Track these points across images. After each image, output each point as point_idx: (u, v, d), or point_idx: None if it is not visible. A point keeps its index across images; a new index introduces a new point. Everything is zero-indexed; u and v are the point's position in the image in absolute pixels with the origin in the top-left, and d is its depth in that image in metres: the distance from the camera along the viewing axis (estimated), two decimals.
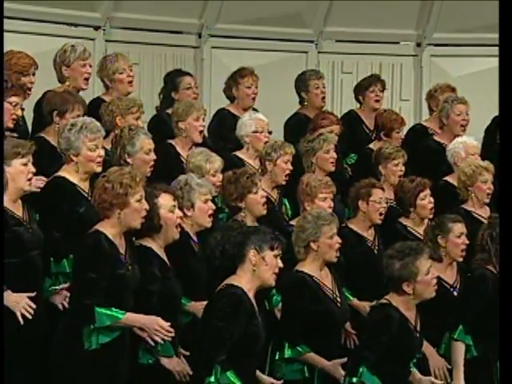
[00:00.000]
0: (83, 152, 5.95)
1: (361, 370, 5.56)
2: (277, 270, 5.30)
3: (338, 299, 6.14)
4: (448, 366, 6.32)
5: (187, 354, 5.67)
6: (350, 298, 6.72)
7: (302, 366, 6.02)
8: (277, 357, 6.06)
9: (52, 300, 5.78)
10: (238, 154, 7.42)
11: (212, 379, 5.07)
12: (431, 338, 6.28)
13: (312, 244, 6.03)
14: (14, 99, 6.30)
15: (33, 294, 5.45)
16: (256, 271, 5.26)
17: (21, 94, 6.39)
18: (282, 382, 5.82)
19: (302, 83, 8.50)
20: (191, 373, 5.51)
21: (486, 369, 6.27)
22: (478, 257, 6.37)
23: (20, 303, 5.42)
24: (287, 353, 5.99)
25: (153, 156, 6.40)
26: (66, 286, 5.74)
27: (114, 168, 5.59)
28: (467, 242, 6.52)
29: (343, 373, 5.81)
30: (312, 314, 6.00)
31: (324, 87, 8.53)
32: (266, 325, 5.48)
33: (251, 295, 5.27)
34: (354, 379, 5.57)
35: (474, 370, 6.28)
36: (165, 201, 5.65)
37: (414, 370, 5.89)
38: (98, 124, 6.13)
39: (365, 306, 6.63)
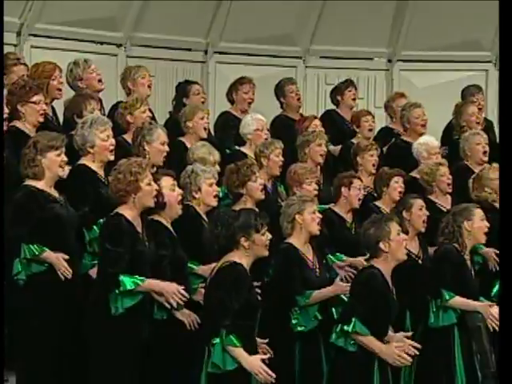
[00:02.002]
0: (98, 143, 5.87)
1: (353, 319, 5.38)
2: (267, 243, 5.21)
3: (317, 270, 6.02)
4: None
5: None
6: (338, 258, 6.55)
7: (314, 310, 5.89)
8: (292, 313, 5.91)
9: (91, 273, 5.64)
10: (242, 148, 7.38)
11: (217, 341, 4.94)
12: (406, 302, 6.06)
13: (297, 217, 5.93)
14: (36, 98, 6.20)
15: (67, 257, 5.39)
16: (250, 251, 5.14)
17: (40, 92, 6.27)
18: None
19: (279, 90, 8.52)
20: (199, 321, 5.40)
21: (444, 332, 6.03)
22: (443, 237, 6.17)
23: (60, 261, 5.37)
24: (302, 302, 5.86)
25: (166, 148, 6.32)
26: None
27: (123, 160, 5.49)
28: (427, 213, 6.45)
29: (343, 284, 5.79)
30: (294, 278, 5.89)
31: (298, 90, 8.55)
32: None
33: (248, 269, 5.15)
34: (346, 327, 5.38)
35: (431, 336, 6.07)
36: (166, 182, 5.60)
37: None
38: (105, 117, 6.06)
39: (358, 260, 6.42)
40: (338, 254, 6.58)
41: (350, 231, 6.80)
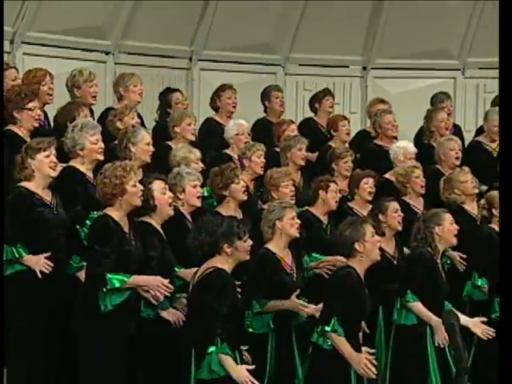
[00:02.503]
0: (87, 146, 5.79)
1: (333, 320, 5.30)
2: (248, 249, 5.15)
3: (294, 274, 5.91)
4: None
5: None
6: (312, 259, 6.47)
7: (269, 318, 5.79)
8: (247, 316, 5.81)
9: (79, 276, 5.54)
10: (226, 151, 7.30)
11: (213, 349, 4.88)
12: (379, 300, 6.03)
13: (277, 222, 5.85)
14: (31, 104, 6.14)
15: (48, 254, 5.31)
16: (232, 257, 5.10)
17: (35, 98, 6.21)
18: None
19: (265, 95, 8.52)
20: (184, 319, 5.33)
21: (415, 330, 5.92)
22: (415, 243, 6.08)
23: (39, 262, 5.28)
24: (255, 308, 5.79)
25: (151, 148, 6.23)
26: None
27: (108, 164, 5.41)
28: (402, 215, 6.39)
29: (299, 301, 5.70)
30: (271, 282, 5.80)
31: (282, 97, 8.55)
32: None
33: (230, 273, 5.11)
34: (327, 327, 5.30)
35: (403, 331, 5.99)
36: (157, 186, 5.53)
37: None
38: (94, 122, 6.00)
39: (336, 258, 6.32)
40: (313, 254, 6.50)
41: (326, 232, 6.71)
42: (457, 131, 8.50)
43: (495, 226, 6.57)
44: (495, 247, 6.30)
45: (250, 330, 5.81)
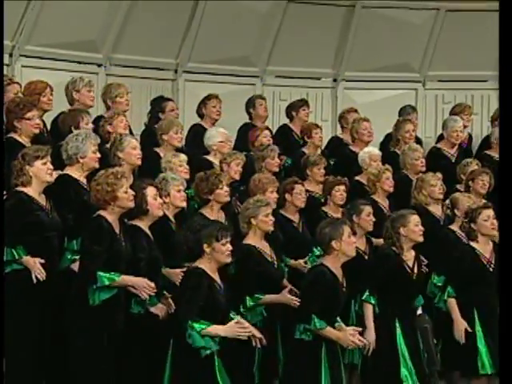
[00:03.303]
0: (89, 154, 5.70)
1: (312, 317, 5.25)
2: (227, 253, 5.10)
3: (275, 262, 5.87)
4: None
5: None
6: (288, 260, 6.40)
7: (261, 309, 5.74)
8: (241, 309, 5.70)
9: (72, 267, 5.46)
10: (208, 157, 7.17)
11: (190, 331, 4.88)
12: (352, 293, 5.88)
13: (252, 220, 5.79)
14: (29, 114, 6.05)
15: (42, 261, 5.22)
16: (211, 258, 5.07)
17: (33, 108, 6.11)
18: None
19: (250, 102, 8.49)
20: (172, 311, 5.30)
21: (386, 324, 5.78)
22: (385, 241, 6.00)
23: (34, 267, 5.20)
24: (249, 304, 5.70)
25: (139, 151, 6.14)
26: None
27: (101, 172, 5.33)
28: (374, 219, 6.38)
29: (290, 296, 5.66)
30: (257, 274, 5.73)
31: (266, 106, 8.55)
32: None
33: (211, 272, 5.07)
34: (308, 326, 5.25)
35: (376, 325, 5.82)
36: (150, 191, 5.43)
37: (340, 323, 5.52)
38: (94, 134, 5.94)
39: (300, 262, 6.36)
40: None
41: (298, 230, 6.66)
42: (418, 142, 8.46)
43: (456, 226, 6.53)
44: (451, 247, 6.33)
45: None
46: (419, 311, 5.82)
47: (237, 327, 5.04)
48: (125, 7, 8.61)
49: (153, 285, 5.12)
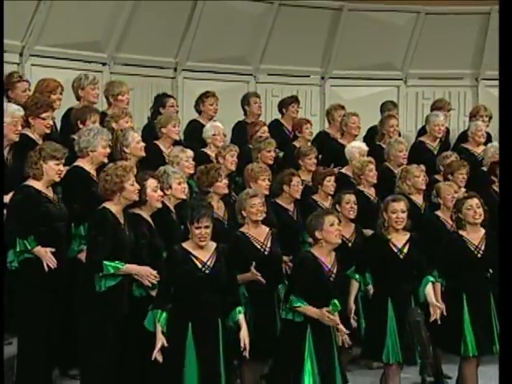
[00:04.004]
0: (99, 149, 5.60)
1: (290, 298, 5.17)
2: (199, 237, 4.94)
3: (267, 248, 5.69)
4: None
5: None
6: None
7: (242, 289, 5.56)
8: None
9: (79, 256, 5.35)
10: (204, 150, 7.05)
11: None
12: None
13: (243, 212, 5.69)
14: (44, 114, 5.94)
15: (53, 250, 5.11)
16: (193, 239, 4.97)
17: (49, 109, 6.00)
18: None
19: (245, 100, 8.33)
20: None
21: (379, 303, 5.64)
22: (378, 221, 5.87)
23: (45, 256, 5.09)
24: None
25: (142, 144, 6.03)
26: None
27: (110, 164, 5.25)
28: (354, 206, 6.26)
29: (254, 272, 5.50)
30: (243, 259, 5.55)
31: (260, 102, 8.39)
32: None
33: (196, 252, 4.95)
34: (288, 305, 5.18)
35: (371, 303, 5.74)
36: (150, 183, 5.32)
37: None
38: (107, 131, 5.81)
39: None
40: None
41: (293, 218, 6.54)
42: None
43: (440, 213, 6.51)
44: (433, 230, 6.28)
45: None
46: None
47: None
48: (127, 10, 8.49)
49: (155, 272, 5.03)
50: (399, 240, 5.70)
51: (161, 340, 4.79)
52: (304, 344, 5.14)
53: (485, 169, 7.56)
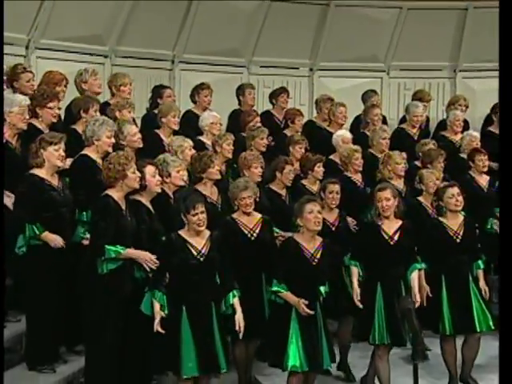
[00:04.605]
0: (103, 139, 5.52)
1: (273, 281, 5.10)
2: (197, 223, 4.88)
3: (255, 234, 5.57)
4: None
5: None
6: (277, 230, 6.04)
7: None
8: None
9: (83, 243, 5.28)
10: (201, 137, 6.93)
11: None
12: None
13: (235, 201, 5.61)
14: (51, 104, 5.86)
15: (61, 241, 5.08)
16: (189, 226, 4.90)
17: (55, 100, 5.91)
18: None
19: (240, 90, 8.20)
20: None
21: (369, 286, 5.55)
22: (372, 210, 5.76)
23: (55, 240, 5.05)
24: None
25: (139, 136, 5.95)
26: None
27: (113, 153, 5.17)
28: (336, 195, 6.08)
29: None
30: (231, 244, 5.39)
31: (254, 93, 8.29)
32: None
33: (189, 238, 4.90)
34: (270, 288, 5.14)
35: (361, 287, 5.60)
36: (149, 170, 5.23)
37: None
38: (112, 121, 5.73)
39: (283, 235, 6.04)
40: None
41: (285, 203, 6.43)
42: (384, 122, 8.28)
43: (422, 198, 6.45)
44: (415, 215, 6.17)
45: None
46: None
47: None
48: (128, 6, 8.33)
49: (154, 258, 4.94)
50: (390, 227, 5.58)
51: (159, 314, 4.76)
52: (289, 325, 5.07)
53: (463, 155, 7.51)
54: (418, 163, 7.22)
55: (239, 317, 4.90)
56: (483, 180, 7.12)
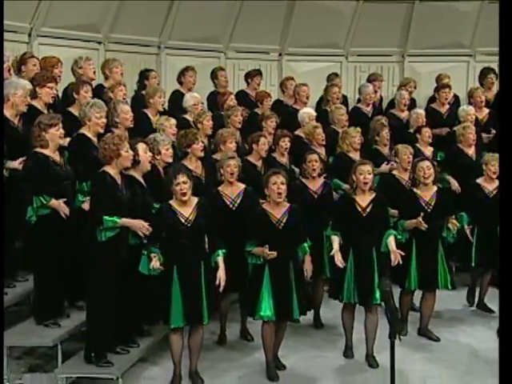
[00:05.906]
0: (93, 119, 5.29)
1: (246, 244, 5.04)
2: (180, 192, 4.75)
3: (236, 204, 5.42)
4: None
5: None
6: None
7: None
8: None
9: (83, 207, 5.08)
10: (185, 116, 6.71)
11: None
12: (313, 232, 5.51)
13: (221, 169, 5.45)
14: (50, 84, 5.65)
15: (65, 199, 4.90)
16: (175, 196, 4.76)
17: (53, 81, 5.71)
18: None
19: (213, 74, 7.95)
20: None
21: (343, 253, 5.34)
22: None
23: (60, 206, 4.89)
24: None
25: (131, 114, 5.72)
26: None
27: (108, 134, 4.97)
28: (316, 163, 5.92)
29: None
30: (217, 212, 5.20)
31: (226, 75, 8.02)
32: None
33: (178, 207, 4.75)
34: (244, 248, 5.06)
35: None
36: (141, 147, 5.04)
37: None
38: (102, 103, 5.46)
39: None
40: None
41: (260, 174, 6.16)
42: (344, 100, 8.09)
43: (396, 172, 6.34)
44: (388, 187, 6.04)
45: None
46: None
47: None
48: None
49: (146, 224, 4.80)
50: (364, 200, 5.38)
51: (155, 258, 4.68)
52: (262, 281, 5.01)
53: (410, 131, 7.41)
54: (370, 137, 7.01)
55: (220, 272, 4.81)
56: (428, 151, 7.05)
